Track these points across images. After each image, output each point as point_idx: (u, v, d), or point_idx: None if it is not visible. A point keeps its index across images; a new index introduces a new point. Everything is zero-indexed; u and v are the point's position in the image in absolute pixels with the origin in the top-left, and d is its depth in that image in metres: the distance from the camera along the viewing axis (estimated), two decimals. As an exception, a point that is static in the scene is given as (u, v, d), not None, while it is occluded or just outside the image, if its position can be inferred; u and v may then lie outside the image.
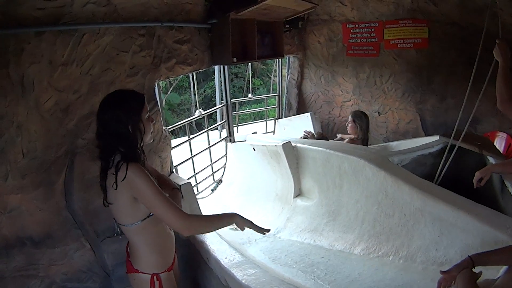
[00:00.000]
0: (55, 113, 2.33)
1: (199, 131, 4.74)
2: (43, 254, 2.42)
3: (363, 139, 4.40)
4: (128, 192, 1.81)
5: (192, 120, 4.43)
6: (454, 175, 3.11)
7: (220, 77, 5.04)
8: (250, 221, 2.01)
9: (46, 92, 2.23)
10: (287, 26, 5.53)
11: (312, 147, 3.85)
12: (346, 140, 4.41)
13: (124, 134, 1.83)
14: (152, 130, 2.01)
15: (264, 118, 6.31)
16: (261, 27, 4.36)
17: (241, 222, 1.99)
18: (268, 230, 2.07)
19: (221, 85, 5.01)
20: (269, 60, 8.87)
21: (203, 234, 2.78)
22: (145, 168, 1.87)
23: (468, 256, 1.70)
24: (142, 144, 1.92)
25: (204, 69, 3.97)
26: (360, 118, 4.40)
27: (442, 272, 1.72)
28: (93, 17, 2.42)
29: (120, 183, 1.77)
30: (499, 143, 4.60)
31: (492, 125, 4.85)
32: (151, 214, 1.91)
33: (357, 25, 5.73)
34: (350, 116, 4.45)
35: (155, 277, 2.03)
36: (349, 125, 4.42)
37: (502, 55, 2.43)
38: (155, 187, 1.81)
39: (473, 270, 1.68)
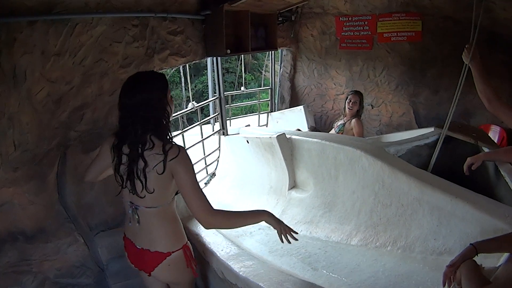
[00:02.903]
0: (47, 105, 2.28)
1: (189, 126, 4.70)
2: (35, 249, 2.39)
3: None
4: (170, 173, 1.81)
5: (184, 114, 4.39)
6: (450, 167, 3.11)
7: (213, 70, 5.00)
8: (281, 221, 1.99)
9: (38, 83, 2.18)
10: (280, 19, 5.49)
11: (307, 138, 3.83)
12: (353, 122, 4.44)
13: (155, 118, 1.80)
14: (173, 110, 1.97)
15: (256, 112, 6.28)
16: (255, 19, 4.33)
17: (271, 220, 1.96)
18: (296, 233, 2.03)
19: (214, 78, 4.98)
20: (262, 52, 8.85)
21: (196, 227, 2.76)
22: None
23: (471, 244, 1.69)
24: (169, 125, 1.91)
25: (197, 61, 3.94)
26: (362, 97, 4.58)
27: (447, 266, 1.70)
28: (86, 7, 2.36)
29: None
30: (493, 136, 4.63)
31: (485, 118, 4.89)
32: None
33: (350, 18, 5.73)
34: (353, 95, 4.53)
35: (185, 247, 2.06)
36: (354, 103, 4.49)
37: (472, 59, 2.43)
38: (195, 175, 1.85)
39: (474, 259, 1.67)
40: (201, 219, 1.83)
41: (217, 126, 5.04)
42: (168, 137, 1.83)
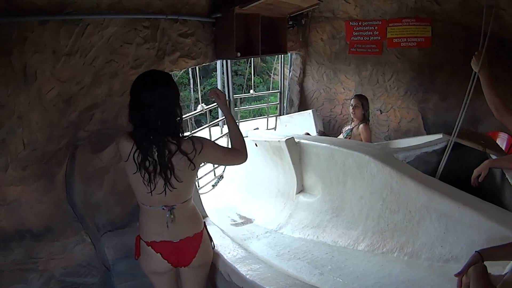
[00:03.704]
0: (57, 104, 2.29)
1: (198, 128, 4.72)
2: (42, 247, 2.38)
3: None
4: (199, 163, 1.98)
5: (193, 116, 4.40)
6: (458, 174, 3.09)
7: (223, 72, 5.02)
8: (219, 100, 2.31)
9: (49, 82, 2.19)
10: (290, 23, 5.50)
11: (316, 143, 3.81)
12: (361, 127, 4.36)
13: (171, 113, 1.87)
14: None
15: (265, 115, 6.28)
16: (265, 23, 4.35)
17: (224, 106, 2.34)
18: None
19: (223, 80, 4.99)
20: (272, 56, 8.87)
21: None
22: None
23: (476, 251, 1.67)
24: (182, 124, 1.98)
25: (207, 63, 3.95)
26: (366, 100, 4.50)
27: (456, 274, 1.68)
28: (98, 8, 2.37)
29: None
30: (500, 143, 4.59)
31: (494, 125, 4.85)
32: None
33: (360, 23, 5.72)
34: (354, 99, 4.47)
35: (204, 223, 2.22)
36: (356, 107, 4.41)
37: (481, 67, 2.42)
38: (219, 146, 2.13)
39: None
40: (241, 162, 2.19)
41: (226, 129, 5.05)
42: (181, 134, 1.90)
